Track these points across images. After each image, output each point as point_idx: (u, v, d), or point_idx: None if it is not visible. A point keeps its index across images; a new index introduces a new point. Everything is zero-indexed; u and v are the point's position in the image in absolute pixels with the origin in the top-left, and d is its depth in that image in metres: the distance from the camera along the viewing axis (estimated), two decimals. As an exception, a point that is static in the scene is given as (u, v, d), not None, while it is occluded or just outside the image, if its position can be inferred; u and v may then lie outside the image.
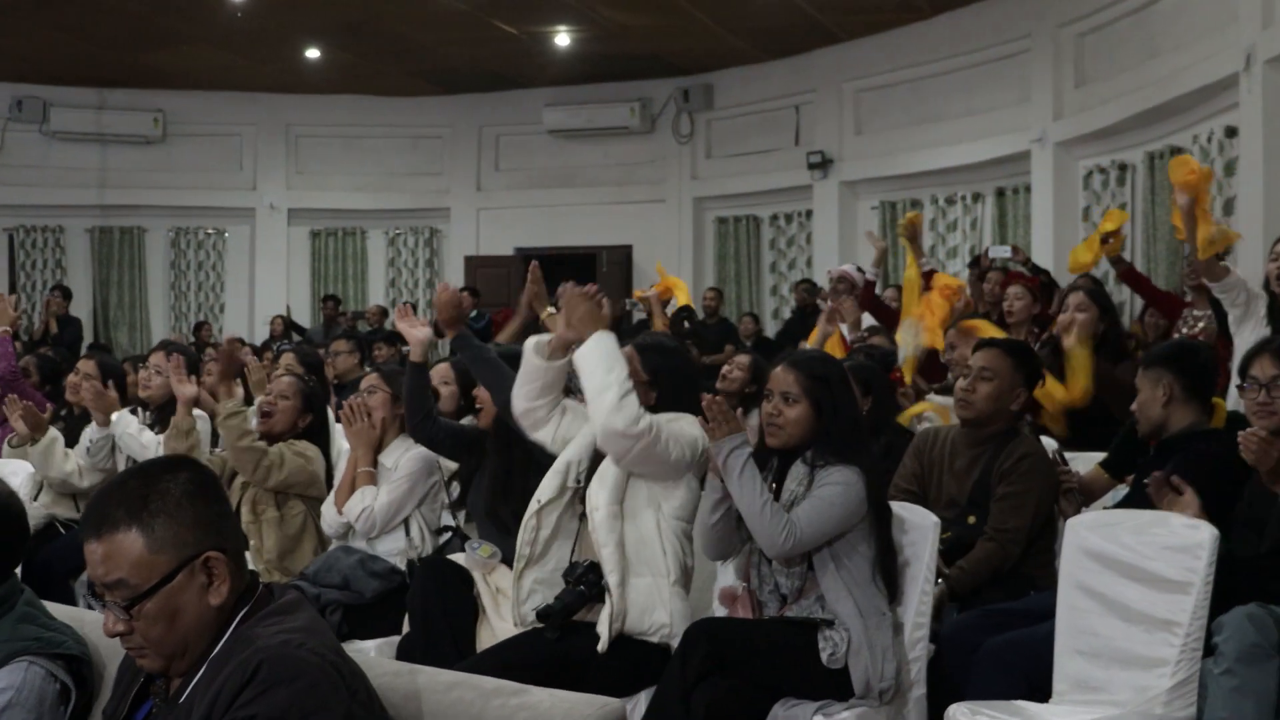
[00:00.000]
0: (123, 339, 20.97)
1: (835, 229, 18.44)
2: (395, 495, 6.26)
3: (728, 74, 19.71)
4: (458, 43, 17.95)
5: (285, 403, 6.72)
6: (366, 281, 21.86)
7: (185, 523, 2.87)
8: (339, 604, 5.94)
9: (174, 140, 20.92)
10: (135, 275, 21.28)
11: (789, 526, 4.61)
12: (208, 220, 21.39)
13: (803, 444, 4.87)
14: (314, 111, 21.14)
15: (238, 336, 7.57)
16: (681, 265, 20.18)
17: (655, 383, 5.10)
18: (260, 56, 18.81)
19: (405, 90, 20.65)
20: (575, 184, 20.98)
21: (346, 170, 21.41)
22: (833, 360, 5.16)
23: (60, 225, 20.88)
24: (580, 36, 17.80)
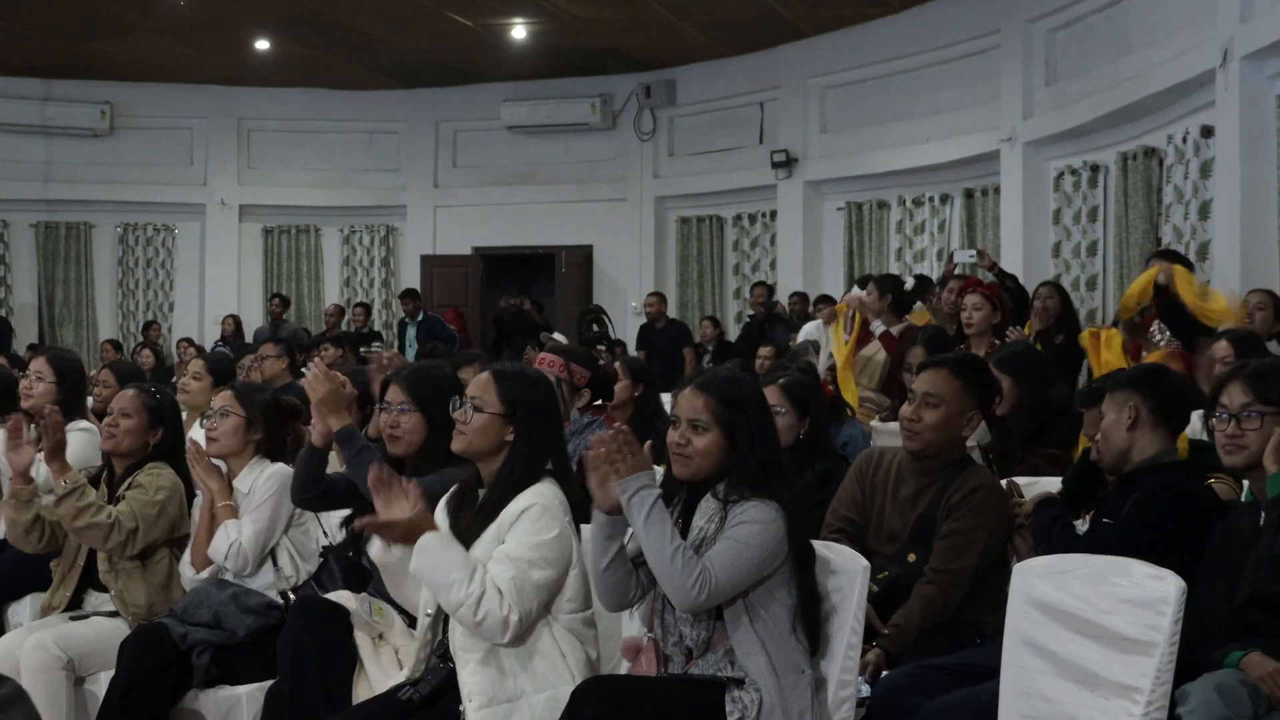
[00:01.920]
0: (68, 337, 20.44)
1: (800, 230, 18.00)
2: (260, 524, 5.59)
3: (690, 69, 19.24)
4: (413, 35, 17.48)
5: (128, 421, 5.95)
6: (321, 281, 21.38)
7: None
8: (208, 645, 5.33)
9: (122, 133, 20.40)
10: (82, 272, 20.75)
11: (702, 575, 4.03)
12: (157, 216, 20.85)
13: (713, 476, 4.30)
14: (266, 105, 20.64)
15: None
16: (643, 266, 19.83)
17: (512, 416, 4.52)
18: (210, 47, 18.30)
19: (360, 83, 20.14)
20: (535, 182, 20.48)
21: (300, 166, 20.93)
22: (746, 381, 4.52)
23: (3, 220, 20.32)
24: (538, 29, 17.31)
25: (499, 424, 4.51)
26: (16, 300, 20.39)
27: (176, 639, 5.33)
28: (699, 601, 4.07)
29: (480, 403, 4.53)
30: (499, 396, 4.53)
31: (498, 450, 4.53)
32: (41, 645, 5.46)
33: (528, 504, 4.39)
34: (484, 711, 4.26)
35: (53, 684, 5.43)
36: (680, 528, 4.26)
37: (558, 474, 4.55)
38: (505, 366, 4.74)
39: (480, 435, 4.52)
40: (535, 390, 4.66)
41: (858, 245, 17.38)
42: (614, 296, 20.11)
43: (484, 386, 4.58)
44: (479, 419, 4.51)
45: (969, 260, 12.16)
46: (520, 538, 4.33)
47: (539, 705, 4.29)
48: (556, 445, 4.67)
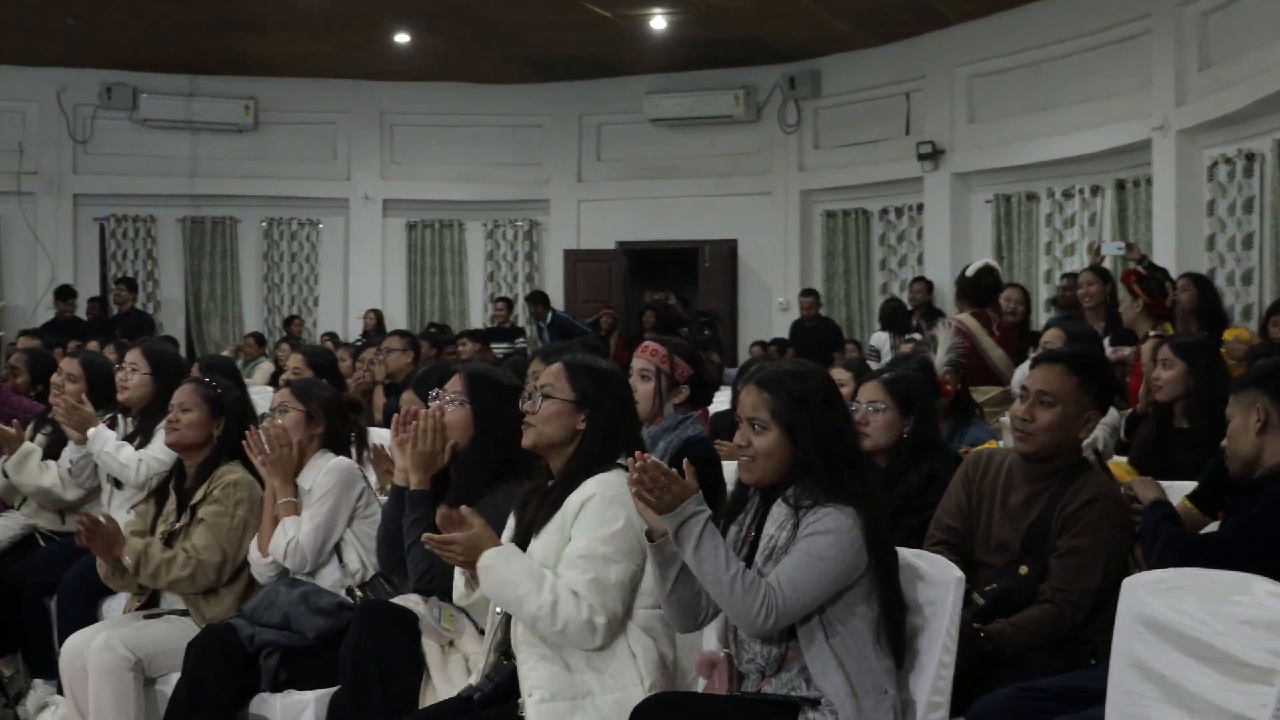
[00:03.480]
0: (214, 331, 20.57)
1: (947, 224, 17.56)
2: (319, 519, 5.39)
3: (835, 60, 18.84)
4: (553, 27, 17.32)
5: (188, 415, 5.81)
6: (464, 276, 21.27)
7: None
8: (277, 646, 5.12)
9: (266, 129, 20.42)
10: (228, 266, 20.80)
11: (767, 600, 3.74)
12: (301, 211, 20.86)
13: (782, 479, 4.00)
14: (408, 99, 20.56)
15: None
16: (788, 261, 19.49)
17: (583, 404, 4.31)
18: (351, 42, 18.23)
19: (502, 77, 20.03)
20: (678, 175, 20.21)
21: (443, 160, 20.79)
22: (813, 374, 4.18)
23: (151, 215, 20.41)
24: (677, 20, 17.04)
25: (569, 412, 4.33)
26: (164, 295, 20.52)
27: (244, 640, 5.15)
28: (767, 626, 3.79)
29: (550, 390, 4.34)
30: (570, 384, 4.35)
31: (568, 441, 4.34)
32: (109, 646, 5.31)
33: (590, 493, 4.18)
34: (544, 706, 4.04)
35: (120, 685, 5.27)
36: (753, 537, 3.98)
37: None
38: (576, 357, 4.54)
39: (550, 424, 4.34)
40: (607, 380, 4.48)
41: (1006, 239, 16.91)
42: (758, 291, 19.85)
43: (554, 375, 4.40)
44: (548, 406, 4.33)
45: (1117, 252, 11.74)
46: (588, 533, 4.12)
47: (605, 707, 4.06)
48: (630, 437, 4.42)
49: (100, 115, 19.90)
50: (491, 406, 5.00)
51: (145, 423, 7.00)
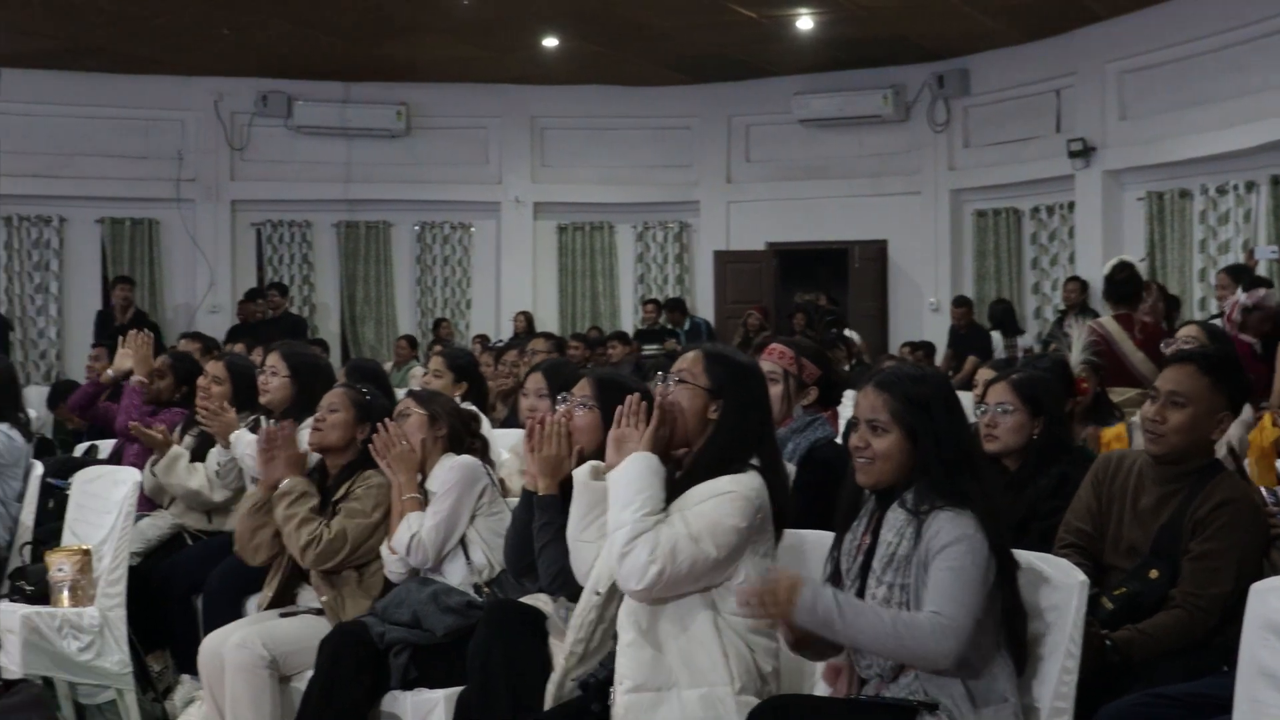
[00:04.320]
0: (369, 334, 20.78)
1: (1099, 222, 17.28)
2: (441, 515, 5.46)
3: (983, 57, 18.67)
4: (699, 28, 17.29)
5: (335, 416, 5.94)
6: (615, 278, 21.35)
7: None
8: (406, 644, 5.19)
9: (418, 134, 20.60)
10: (381, 270, 21.00)
11: (937, 631, 3.68)
12: (453, 214, 21.02)
13: (898, 482, 3.97)
14: (558, 102, 20.65)
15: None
16: (938, 261, 19.34)
17: (717, 394, 4.28)
18: (500, 46, 18.36)
19: (651, 79, 20.05)
20: (828, 176, 20.12)
21: (593, 163, 20.89)
22: (932, 377, 4.14)
23: (307, 220, 20.68)
24: (824, 20, 16.94)
25: (703, 399, 4.29)
26: (319, 298, 20.79)
27: (375, 638, 5.23)
28: (956, 653, 3.72)
29: (685, 375, 4.30)
30: (705, 372, 4.31)
31: (699, 430, 4.29)
32: (244, 644, 5.41)
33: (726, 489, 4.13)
34: (630, 697, 4.04)
35: (256, 682, 5.37)
36: (869, 542, 3.96)
37: (765, 469, 4.26)
38: (715, 347, 4.49)
39: (684, 410, 4.29)
40: (745, 375, 4.41)
41: (1159, 237, 16.63)
42: (909, 292, 19.72)
43: (692, 362, 4.35)
44: (682, 390, 4.28)
45: (1272, 257, 11.43)
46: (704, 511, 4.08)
47: (691, 701, 4.03)
48: (765, 438, 4.38)
49: (257, 123, 20.20)
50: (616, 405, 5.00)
51: (284, 423, 7.12)
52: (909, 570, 3.86)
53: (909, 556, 3.84)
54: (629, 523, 4.02)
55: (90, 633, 6.27)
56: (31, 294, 19.36)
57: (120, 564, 6.48)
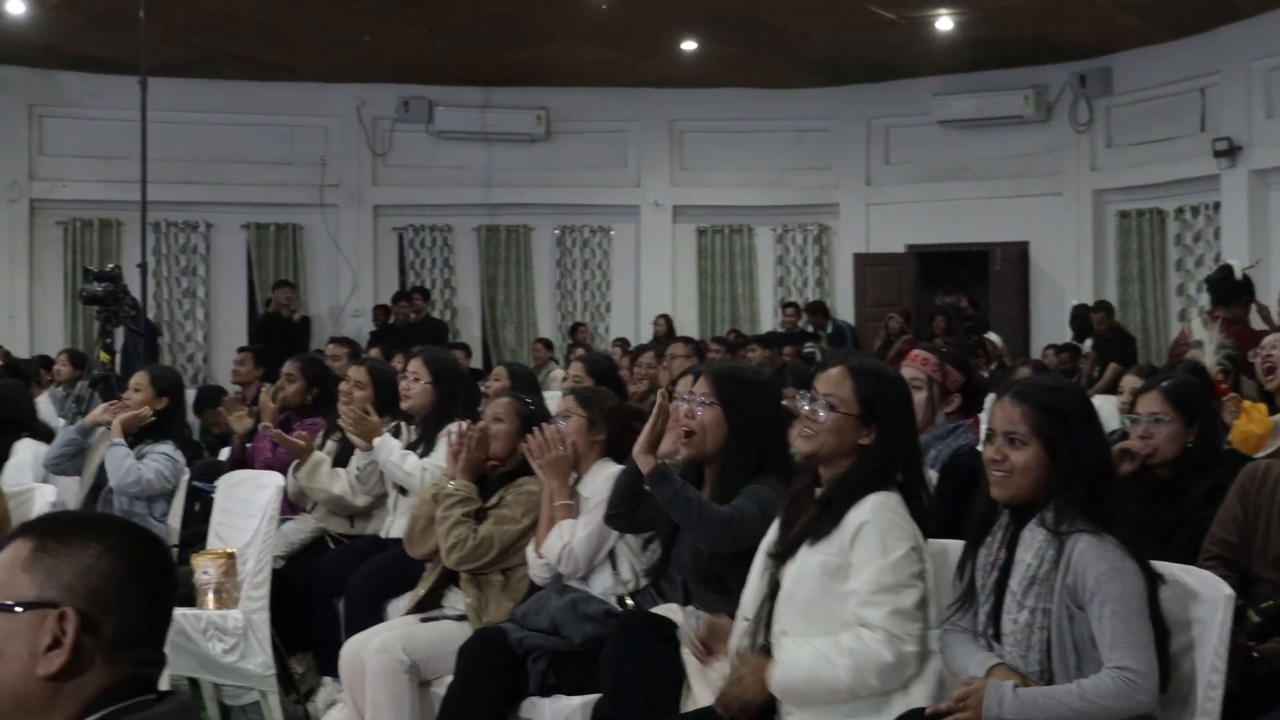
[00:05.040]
0: (509, 338, 20.88)
1: (1245, 222, 16.99)
2: (593, 526, 5.44)
3: (1125, 56, 18.41)
4: (837, 30, 17.22)
5: (499, 425, 5.97)
6: (754, 281, 21.27)
7: (75, 570, 2.31)
8: (544, 651, 5.19)
9: (558, 138, 20.69)
10: (522, 273, 21.08)
11: (1129, 688, 3.60)
12: (593, 218, 21.08)
13: (1036, 497, 3.88)
14: (696, 105, 20.63)
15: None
16: (1080, 263, 19.08)
17: (869, 416, 4.25)
18: (638, 50, 18.42)
19: (789, 81, 19.99)
20: (968, 177, 19.96)
21: (732, 165, 20.87)
22: (1070, 387, 4.06)
23: (448, 224, 20.83)
24: (964, 20, 16.81)
25: (854, 425, 4.22)
26: (460, 302, 20.93)
27: (514, 644, 5.23)
28: (1151, 703, 3.67)
29: (835, 400, 4.24)
30: (855, 394, 4.24)
31: (848, 454, 4.24)
32: (385, 649, 5.45)
33: (868, 517, 4.07)
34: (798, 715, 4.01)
35: (396, 687, 5.40)
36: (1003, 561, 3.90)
37: (907, 484, 4.23)
38: (861, 362, 4.43)
39: (833, 435, 4.23)
40: (893, 389, 4.36)
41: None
42: (1050, 295, 19.49)
43: (838, 382, 4.27)
44: (832, 419, 4.22)
45: None
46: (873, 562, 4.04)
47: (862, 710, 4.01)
48: (911, 453, 4.34)
49: (398, 128, 20.39)
50: (742, 404, 4.98)
51: (427, 431, 7.17)
52: (1050, 595, 3.78)
53: (1049, 580, 3.77)
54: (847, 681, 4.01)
55: (235, 635, 6.34)
56: (179, 299, 19.70)
57: (264, 567, 6.55)
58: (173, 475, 7.42)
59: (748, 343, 16.62)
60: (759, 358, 15.68)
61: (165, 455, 7.40)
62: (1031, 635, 3.80)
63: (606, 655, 4.79)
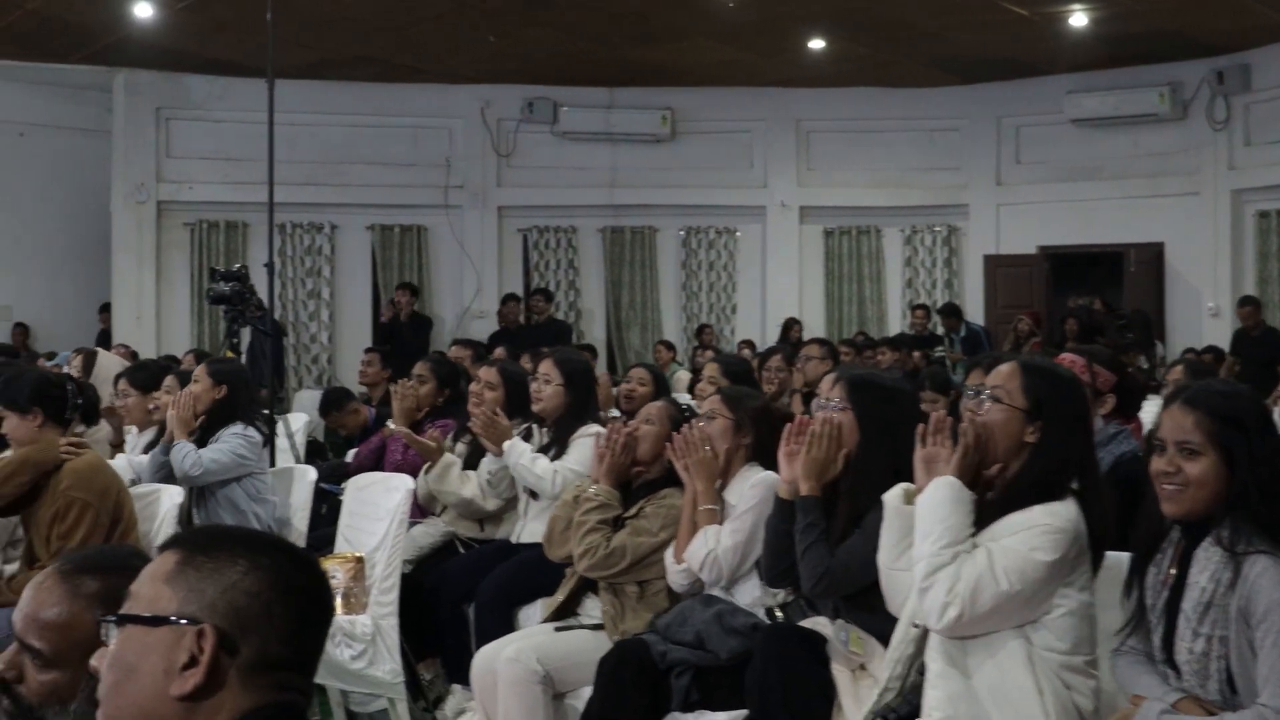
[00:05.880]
0: (634, 339, 20.76)
1: (1390, 223, 16.45)
2: (740, 535, 5.24)
3: (1266, 51, 17.94)
4: (967, 27, 16.95)
5: (649, 428, 5.80)
6: (882, 283, 21.01)
7: (218, 587, 2.19)
8: (688, 665, 4.99)
9: (683, 138, 20.54)
10: (646, 275, 20.96)
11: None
12: (718, 219, 20.89)
13: (1212, 513, 3.60)
14: (823, 105, 20.40)
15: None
16: (1218, 264, 18.66)
17: (1036, 414, 4.02)
18: (764, 49, 18.22)
19: (917, 80, 19.72)
20: (1101, 177, 19.57)
21: (859, 166, 20.61)
22: (1244, 393, 3.76)
23: (573, 225, 20.74)
24: (1099, 16, 16.46)
25: (1019, 421, 4.01)
26: (585, 303, 20.85)
27: (656, 657, 5.05)
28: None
29: (1001, 393, 4.04)
30: (1023, 389, 4.03)
31: (1014, 452, 4.03)
32: (518, 658, 5.30)
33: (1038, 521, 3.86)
34: None
35: (528, 698, 5.26)
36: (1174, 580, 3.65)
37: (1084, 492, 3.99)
38: (1033, 360, 4.24)
39: (996, 429, 4.02)
40: (1066, 389, 4.13)
41: None
42: (1186, 297, 19.07)
43: (1007, 377, 4.07)
44: (997, 411, 4.01)
45: None
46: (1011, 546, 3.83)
47: None
48: (1086, 459, 4.10)
49: (523, 129, 20.32)
50: (876, 410, 4.81)
51: (559, 433, 7.03)
52: (1227, 622, 3.51)
53: (1225, 604, 3.51)
54: (927, 556, 3.84)
55: (363, 641, 6.24)
56: (304, 299, 19.75)
57: (393, 572, 6.46)
58: (249, 451, 7.29)
59: (876, 345, 16.40)
60: (888, 360, 15.48)
61: (234, 435, 7.28)
62: (1209, 664, 3.55)
63: (753, 670, 4.61)
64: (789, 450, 4.83)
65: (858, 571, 4.54)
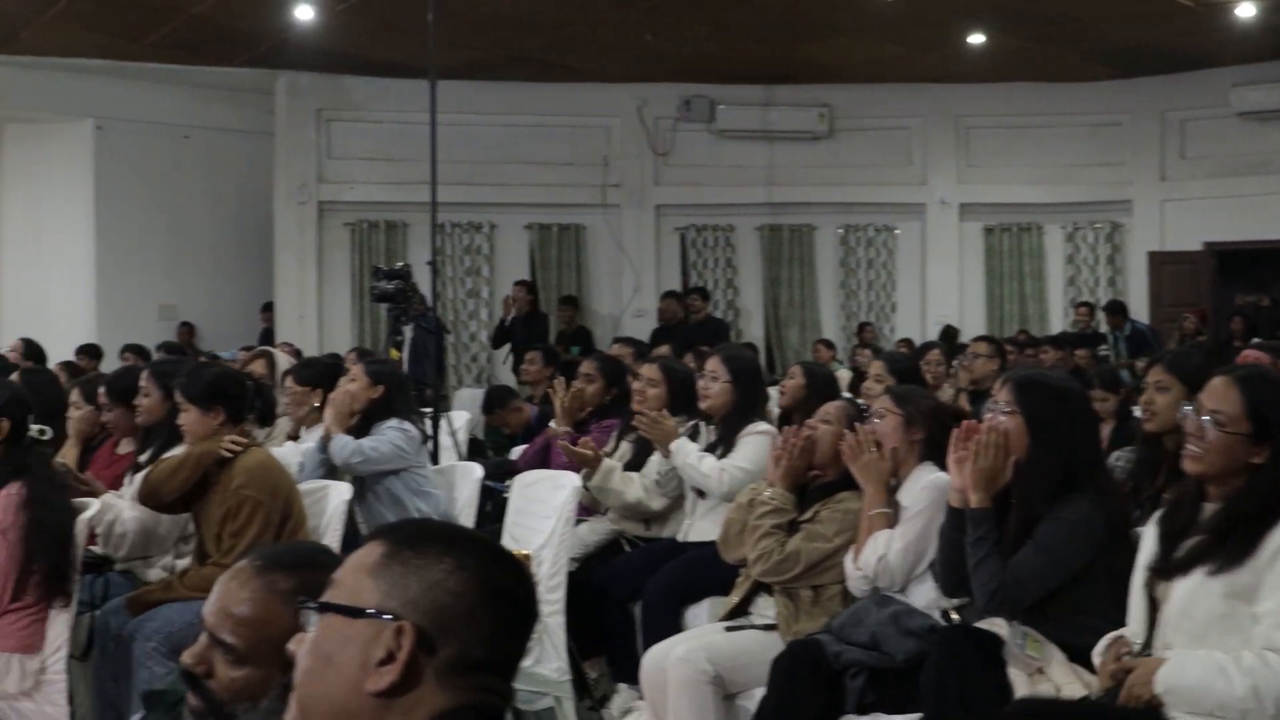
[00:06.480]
0: (793, 338, 20.64)
1: None
2: (910, 537, 5.16)
3: None
4: (1130, 20, 16.64)
5: (826, 429, 5.70)
6: (1043, 280, 20.72)
7: (423, 584, 2.15)
8: (863, 667, 4.92)
9: (840, 135, 20.38)
10: (804, 274, 20.83)
11: None
12: (877, 217, 20.72)
13: None
14: (983, 101, 20.15)
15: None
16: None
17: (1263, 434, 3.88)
18: (922, 45, 18.05)
19: (1078, 75, 19.41)
20: (1269, 171, 19.09)
21: (1019, 162, 20.32)
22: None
23: (730, 224, 20.66)
24: (1267, 5, 16.09)
25: (1243, 444, 3.85)
26: (743, 302, 20.78)
27: (830, 658, 4.97)
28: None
29: (1223, 418, 3.87)
30: (1244, 409, 3.86)
31: (1236, 472, 3.88)
32: (688, 658, 5.26)
33: None
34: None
35: (699, 698, 5.22)
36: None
37: None
38: (1248, 370, 4.06)
39: (1220, 455, 3.87)
40: None
41: None
42: (1359, 294, 18.67)
43: (1223, 396, 3.89)
44: (1220, 437, 3.85)
45: None
46: None
47: None
48: None
49: (680, 128, 20.27)
50: (1046, 413, 4.66)
51: (727, 431, 6.98)
52: None
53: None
54: (1239, 703, 3.67)
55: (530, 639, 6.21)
56: (463, 298, 19.87)
57: (560, 570, 6.45)
58: (408, 445, 7.32)
59: (1039, 344, 16.19)
60: (1051, 359, 15.27)
61: (393, 428, 7.32)
62: None
63: (927, 672, 4.53)
64: (958, 457, 4.73)
65: (1031, 584, 4.47)
